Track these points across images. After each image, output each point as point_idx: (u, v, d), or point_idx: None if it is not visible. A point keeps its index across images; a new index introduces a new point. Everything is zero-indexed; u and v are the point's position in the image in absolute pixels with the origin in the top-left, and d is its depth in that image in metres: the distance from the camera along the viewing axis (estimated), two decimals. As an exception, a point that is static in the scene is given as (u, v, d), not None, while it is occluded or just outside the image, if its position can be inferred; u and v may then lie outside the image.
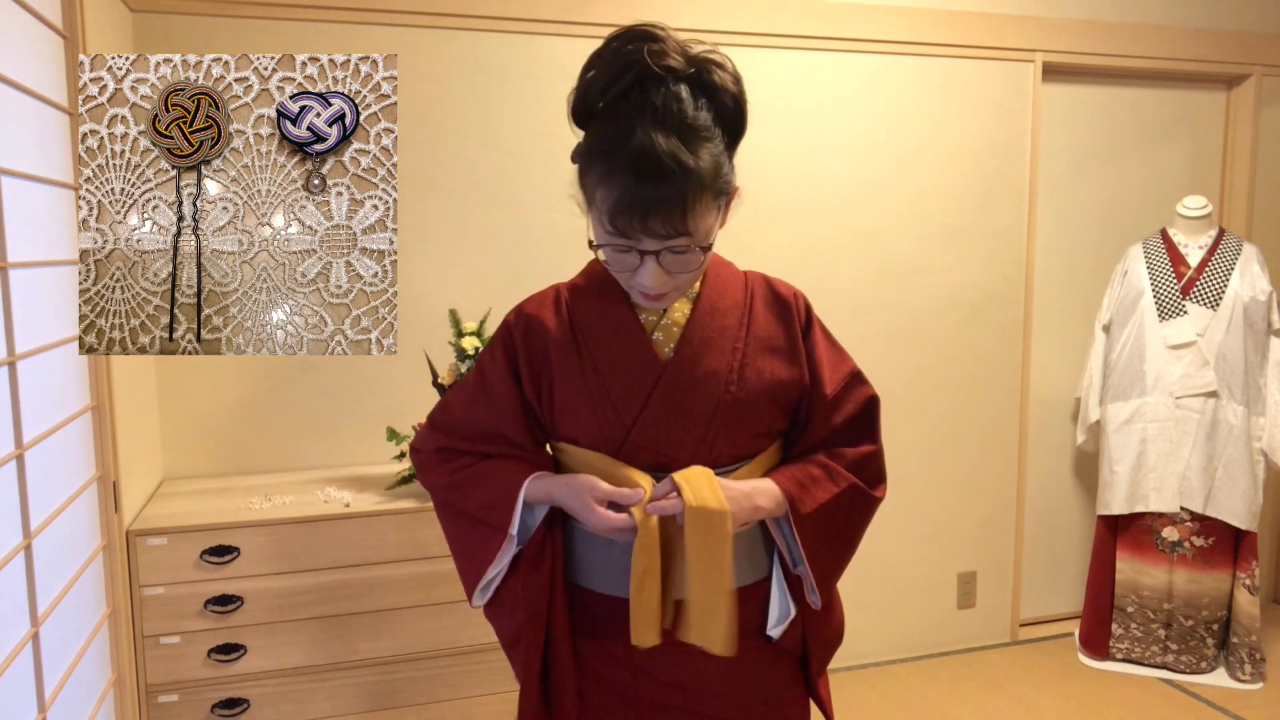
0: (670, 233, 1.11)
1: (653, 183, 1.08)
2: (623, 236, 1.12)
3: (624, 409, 1.23)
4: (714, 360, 1.24)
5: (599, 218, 1.14)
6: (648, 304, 1.23)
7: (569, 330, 1.28)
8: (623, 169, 1.09)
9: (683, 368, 1.23)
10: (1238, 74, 3.39)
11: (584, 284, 1.34)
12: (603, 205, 1.12)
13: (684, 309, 1.26)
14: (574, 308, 1.30)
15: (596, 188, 1.13)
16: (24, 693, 1.49)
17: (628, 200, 1.09)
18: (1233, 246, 3.06)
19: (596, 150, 1.14)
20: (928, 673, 3.10)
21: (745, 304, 1.28)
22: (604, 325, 1.27)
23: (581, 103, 1.19)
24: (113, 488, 1.96)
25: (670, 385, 1.22)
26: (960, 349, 3.16)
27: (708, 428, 1.22)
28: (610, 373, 1.25)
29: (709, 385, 1.23)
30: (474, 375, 1.33)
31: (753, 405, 1.24)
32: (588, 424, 1.25)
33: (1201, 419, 2.99)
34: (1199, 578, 3.01)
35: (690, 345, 1.24)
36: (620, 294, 1.28)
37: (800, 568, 1.26)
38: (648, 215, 1.09)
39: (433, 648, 2.28)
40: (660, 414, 1.22)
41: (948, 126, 3.09)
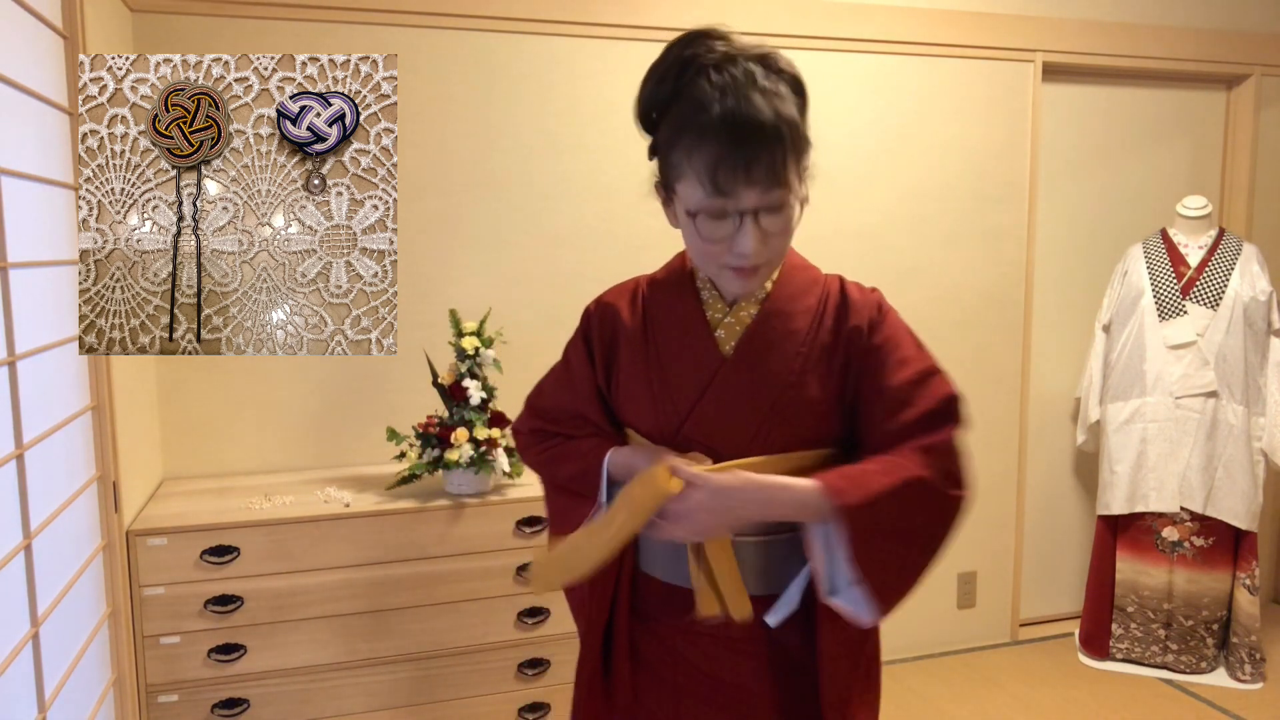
0: (771, 182, 1.11)
1: (752, 132, 1.09)
2: (722, 195, 1.11)
3: (680, 401, 1.25)
4: (774, 361, 1.24)
5: (698, 182, 1.12)
6: (739, 285, 1.22)
7: (641, 321, 1.31)
8: (719, 126, 1.10)
9: (741, 366, 1.24)
10: (1238, 74, 3.38)
11: (663, 277, 1.35)
12: (701, 168, 1.11)
13: (750, 309, 1.27)
14: (649, 300, 1.32)
15: (689, 158, 1.13)
16: (24, 693, 1.49)
17: (729, 152, 1.09)
18: (1233, 246, 3.06)
19: (683, 124, 1.14)
20: (928, 673, 3.10)
21: (819, 308, 1.26)
22: (671, 318, 1.29)
23: (651, 101, 1.19)
24: (113, 488, 1.96)
25: (726, 382, 1.24)
26: (960, 349, 3.16)
27: (759, 428, 1.23)
28: (671, 365, 1.27)
29: (766, 386, 1.23)
30: (561, 361, 1.41)
31: (810, 409, 1.23)
32: (646, 412, 1.28)
33: (1201, 419, 2.99)
34: (1199, 578, 3.01)
35: (751, 344, 1.24)
36: (693, 288, 1.29)
37: (834, 598, 1.17)
38: (750, 165, 1.09)
39: (433, 648, 2.28)
40: (713, 409, 1.24)
41: (948, 126, 3.09)
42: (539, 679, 2.37)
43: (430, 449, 2.32)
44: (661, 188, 1.22)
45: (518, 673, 2.35)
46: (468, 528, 2.27)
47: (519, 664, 2.35)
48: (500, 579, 2.31)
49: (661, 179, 1.21)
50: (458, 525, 2.27)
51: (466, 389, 2.33)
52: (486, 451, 2.30)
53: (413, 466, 2.31)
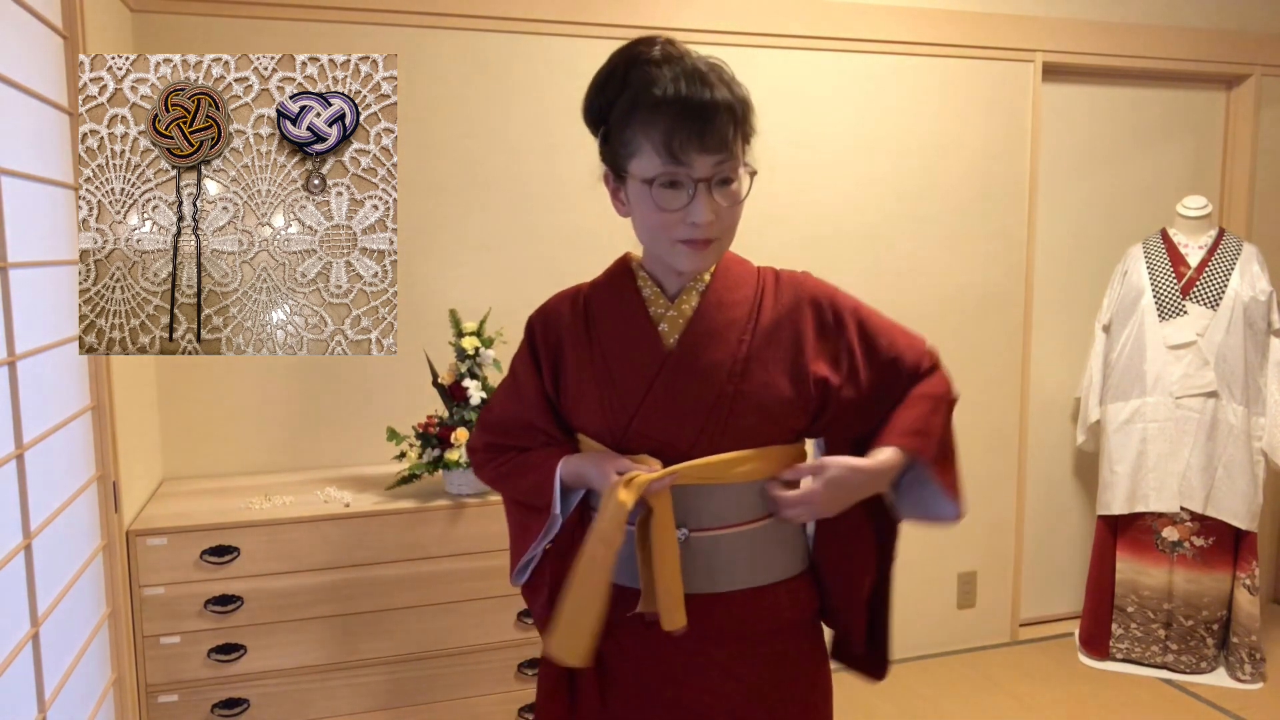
0: (723, 151, 1.16)
1: (704, 102, 1.14)
2: (676, 163, 1.15)
3: (627, 397, 1.26)
4: (718, 351, 1.25)
5: (653, 152, 1.16)
6: (691, 260, 1.23)
7: (583, 322, 1.32)
8: (673, 99, 1.15)
9: (685, 357, 1.25)
10: (1238, 74, 3.38)
11: (604, 280, 1.37)
12: (657, 138, 1.16)
13: (691, 301, 1.28)
14: (590, 301, 1.34)
15: (644, 131, 1.17)
16: (24, 693, 1.49)
17: (683, 122, 1.14)
18: (1233, 246, 3.06)
19: (635, 103, 1.18)
20: (928, 673, 3.10)
21: (755, 298, 1.29)
22: (614, 315, 1.30)
23: (599, 94, 1.25)
24: (113, 488, 1.96)
25: (672, 374, 1.25)
26: (960, 349, 3.16)
27: (708, 419, 1.24)
28: (616, 361, 1.28)
29: (711, 376, 1.24)
30: (508, 375, 1.42)
31: (758, 399, 1.24)
32: (595, 413, 1.28)
33: (1201, 419, 2.99)
34: (1199, 578, 3.01)
35: (694, 335, 1.26)
36: (633, 286, 1.30)
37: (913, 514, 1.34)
38: (704, 133, 1.14)
39: (433, 648, 2.28)
40: (661, 402, 1.25)
41: (948, 126, 3.09)
42: (539, 679, 2.37)
43: (430, 449, 2.32)
44: (610, 175, 1.25)
45: (518, 673, 2.35)
46: (468, 528, 2.27)
47: (519, 664, 2.35)
48: (500, 579, 2.30)
49: (611, 164, 1.24)
50: (458, 525, 2.27)
51: (466, 389, 2.33)
52: (486, 451, 2.30)
53: (413, 466, 2.31)
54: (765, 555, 1.29)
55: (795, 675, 1.32)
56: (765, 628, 1.29)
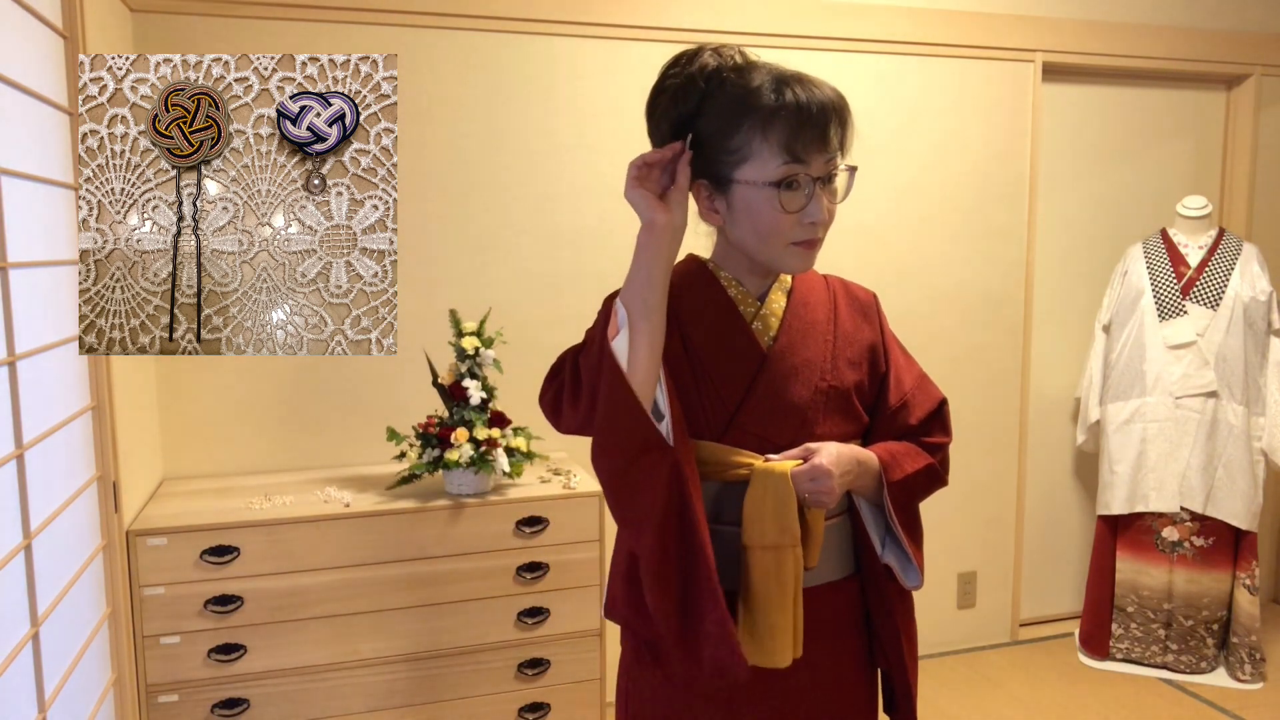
0: (839, 148, 1.20)
1: (821, 102, 1.17)
2: (800, 163, 1.17)
3: (727, 394, 1.27)
4: (811, 350, 1.30)
5: (770, 157, 1.18)
6: (802, 261, 1.25)
7: (673, 316, 1.26)
8: (788, 98, 1.17)
9: (783, 355, 1.29)
10: (1238, 74, 3.38)
11: (681, 280, 1.31)
12: (778, 138, 1.17)
13: (780, 300, 1.32)
14: (675, 295, 1.27)
15: (758, 134, 1.18)
16: (24, 693, 1.49)
17: (808, 114, 1.16)
18: (1233, 246, 3.06)
19: (740, 111, 1.19)
20: (928, 673, 3.10)
21: (830, 301, 1.35)
22: (706, 314, 1.30)
23: (677, 107, 1.23)
24: (113, 488, 1.96)
25: (773, 372, 1.28)
26: (960, 349, 3.16)
27: (806, 414, 1.28)
28: (712, 360, 1.28)
29: (807, 373, 1.29)
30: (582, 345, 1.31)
31: (845, 394, 1.31)
32: (691, 407, 1.27)
33: (1201, 419, 2.99)
34: (1199, 578, 3.01)
35: (789, 334, 1.30)
36: (719, 286, 1.32)
37: (885, 552, 1.33)
38: (827, 121, 1.18)
39: (433, 648, 2.28)
40: (764, 399, 1.27)
41: (948, 126, 3.09)
42: (539, 679, 2.37)
43: (430, 449, 2.32)
44: (708, 184, 1.24)
45: (518, 673, 2.35)
46: (468, 528, 2.27)
47: (519, 664, 2.35)
48: (500, 579, 2.31)
49: (709, 174, 1.23)
50: (458, 525, 2.27)
51: (466, 389, 2.33)
52: (486, 451, 2.30)
53: (413, 466, 2.31)
54: (842, 549, 1.34)
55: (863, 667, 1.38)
56: (845, 620, 1.34)
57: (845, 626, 1.35)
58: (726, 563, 1.22)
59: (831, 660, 1.32)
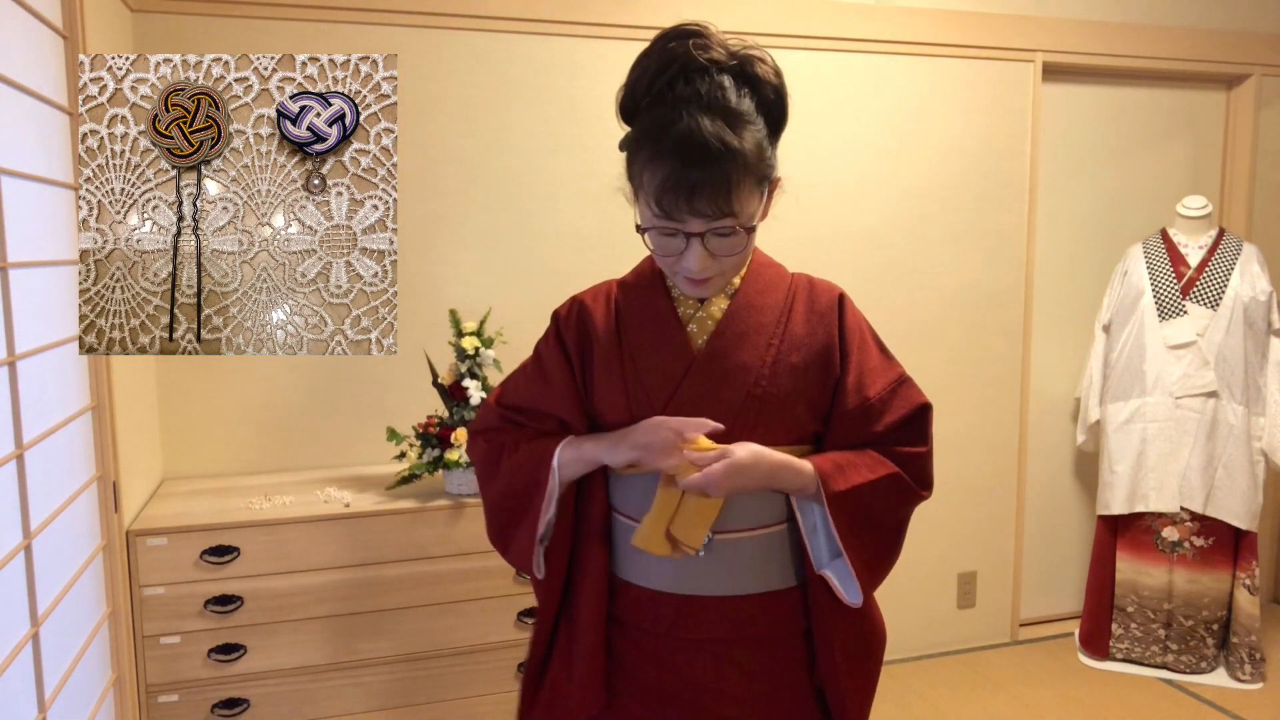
0: (715, 213, 1.14)
1: (698, 163, 1.12)
2: (669, 218, 1.15)
3: (655, 396, 1.27)
4: (746, 354, 1.26)
5: (646, 201, 1.17)
6: (692, 291, 1.26)
7: (614, 320, 1.32)
8: (669, 151, 1.13)
9: (714, 359, 1.26)
10: (1238, 74, 3.38)
11: (633, 279, 1.37)
12: (649, 188, 1.15)
13: (722, 304, 1.30)
14: (621, 300, 1.34)
15: (643, 171, 1.17)
16: (24, 693, 1.49)
17: (674, 181, 1.12)
18: (1233, 246, 3.06)
19: (643, 135, 1.18)
20: (928, 673, 3.10)
21: (786, 303, 1.31)
22: (644, 315, 1.31)
23: (629, 98, 1.23)
24: (113, 488, 1.96)
25: (700, 375, 1.26)
26: (960, 349, 3.16)
27: (735, 420, 1.25)
28: (645, 361, 1.29)
29: (739, 378, 1.26)
30: (532, 360, 1.40)
31: (783, 401, 1.26)
32: (620, 410, 1.29)
33: (1201, 419, 2.99)
34: (1199, 578, 3.01)
35: (723, 338, 1.27)
36: (663, 287, 1.32)
37: (824, 568, 1.27)
38: (693, 195, 1.12)
39: (433, 648, 2.28)
40: (689, 403, 1.26)
41: (948, 126, 3.09)
42: (539, 679, 2.37)
43: (430, 449, 2.32)
44: (627, 189, 1.25)
45: (517, 673, 2.35)
46: (468, 528, 2.27)
47: (519, 664, 2.35)
48: (500, 579, 2.31)
49: (630, 181, 1.23)
50: (458, 525, 2.27)
51: (466, 389, 2.33)
52: (486, 451, 2.30)
53: (413, 466, 2.31)
54: (781, 560, 1.30)
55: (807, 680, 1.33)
56: (785, 631, 1.31)
57: (786, 637, 1.31)
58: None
59: (767, 669, 1.29)
